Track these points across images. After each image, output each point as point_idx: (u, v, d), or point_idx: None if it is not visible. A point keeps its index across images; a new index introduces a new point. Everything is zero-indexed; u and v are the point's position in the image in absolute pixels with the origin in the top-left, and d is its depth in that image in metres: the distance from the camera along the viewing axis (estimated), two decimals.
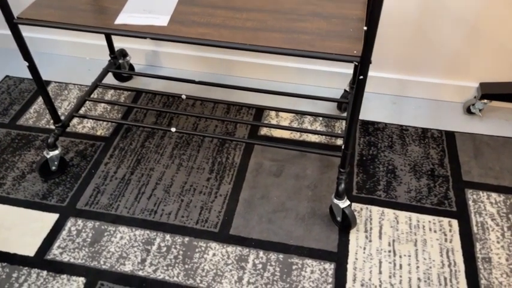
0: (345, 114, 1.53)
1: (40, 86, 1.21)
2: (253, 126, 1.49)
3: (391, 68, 1.55)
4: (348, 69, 1.58)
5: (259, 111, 1.55)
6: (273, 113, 1.54)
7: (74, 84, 1.67)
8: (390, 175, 1.34)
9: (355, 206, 1.25)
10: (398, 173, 1.34)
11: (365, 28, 0.80)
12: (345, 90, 1.49)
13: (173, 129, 1.31)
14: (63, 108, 1.57)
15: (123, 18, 1.04)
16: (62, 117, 1.50)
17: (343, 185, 1.14)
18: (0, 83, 1.67)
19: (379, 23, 1.01)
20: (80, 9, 1.07)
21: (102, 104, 1.58)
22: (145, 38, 1.00)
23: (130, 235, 1.20)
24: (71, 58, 1.79)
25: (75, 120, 1.52)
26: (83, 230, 1.21)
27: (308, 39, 0.98)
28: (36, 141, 1.45)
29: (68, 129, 1.49)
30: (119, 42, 1.67)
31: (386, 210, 1.25)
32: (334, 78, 1.61)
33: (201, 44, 0.99)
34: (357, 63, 0.92)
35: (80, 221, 1.23)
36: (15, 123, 1.52)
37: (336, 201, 1.16)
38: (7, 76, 1.71)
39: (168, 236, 1.20)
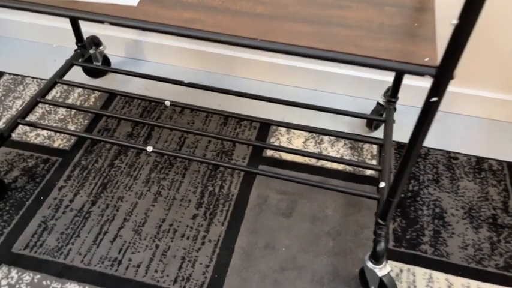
0: (376, 134, 1.19)
1: None
2: (258, 137, 1.15)
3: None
4: (381, 75, 1.24)
5: (266, 125, 1.21)
6: (283, 129, 1.20)
7: (33, 78, 1.32)
8: (438, 222, 1.00)
9: (392, 265, 0.92)
10: (448, 218, 1.01)
11: (454, 22, 0.48)
12: (378, 103, 1.15)
13: (149, 149, 0.97)
14: (15, 108, 1.22)
15: None
16: (2, 125, 1.16)
17: (383, 245, 0.81)
18: None
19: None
20: None
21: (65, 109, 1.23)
22: (102, 22, 0.65)
23: None
24: (34, 44, 1.44)
25: (26, 127, 1.17)
26: (17, 286, 0.87)
27: (351, 36, 0.64)
28: None
29: (17, 138, 1.14)
30: (89, 27, 1.32)
31: (435, 274, 0.91)
32: (363, 84, 1.27)
33: (186, 36, 0.64)
34: (432, 76, 0.58)
35: (14, 272, 0.90)
36: None
37: (370, 265, 0.82)
38: None
39: None
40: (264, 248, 0.95)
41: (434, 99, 0.59)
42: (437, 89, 0.58)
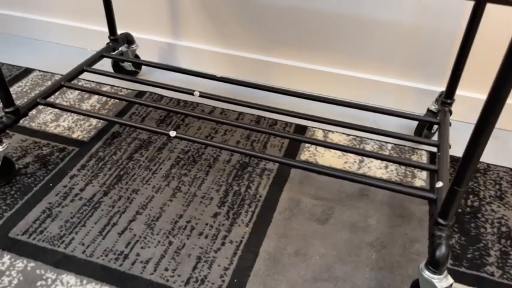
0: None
1: None
2: (290, 146, 1.04)
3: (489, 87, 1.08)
4: (425, 85, 1.12)
5: (301, 128, 1.10)
6: (319, 133, 1.09)
7: (62, 75, 1.28)
8: (505, 241, 0.83)
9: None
10: None
11: None
12: (429, 110, 1.03)
13: (172, 133, 0.87)
14: None
15: None
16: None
17: (444, 249, 0.65)
18: None
19: None
20: None
21: (91, 100, 1.17)
22: None
23: None
24: (67, 48, 1.43)
25: (48, 117, 1.11)
26: (7, 273, 0.76)
27: None
28: None
29: (36, 127, 1.08)
30: (123, 27, 1.29)
31: None
32: (406, 95, 1.15)
33: None
34: None
35: (6, 258, 0.78)
36: None
37: (428, 275, 0.66)
38: None
39: None
40: (294, 255, 0.80)
41: None
42: None
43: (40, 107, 1.15)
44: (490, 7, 0.96)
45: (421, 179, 0.96)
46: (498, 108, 0.53)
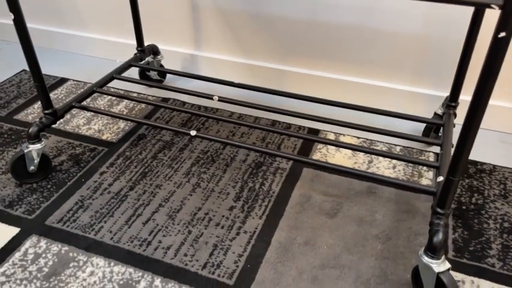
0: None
1: (27, 51, 0.91)
2: (303, 147, 1.10)
3: (500, 93, 1.13)
4: (434, 91, 1.17)
5: (313, 131, 1.17)
6: (331, 136, 1.15)
7: None
8: (507, 236, 0.87)
9: (453, 275, 0.79)
10: None
11: None
12: (436, 114, 1.08)
13: (193, 132, 0.95)
14: None
15: None
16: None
17: (441, 235, 0.70)
18: (14, 76, 1.44)
19: None
20: None
21: (119, 106, 1.27)
22: None
23: (105, 271, 0.81)
24: (99, 60, 1.54)
25: (81, 121, 1.21)
26: (43, 255, 0.84)
27: None
28: None
29: (70, 130, 1.18)
30: (149, 39, 1.40)
31: None
32: (416, 101, 1.20)
33: None
34: (499, 7, 0.53)
35: (43, 242, 0.87)
36: (12, 117, 1.24)
37: (426, 260, 0.71)
38: (23, 70, 1.47)
39: (158, 281, 0.79)
40: (303, 244, 0.86)
41: (502, 34, 0.53)
42: (506, 22, 0.53)
43: (74, 112, 1.25)
44: (488, 15, 1.02)
45: (427, 178, 1.01)
46: (482, 105, 0.59)
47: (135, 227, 0.90)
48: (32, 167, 0.99)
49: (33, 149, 0.97)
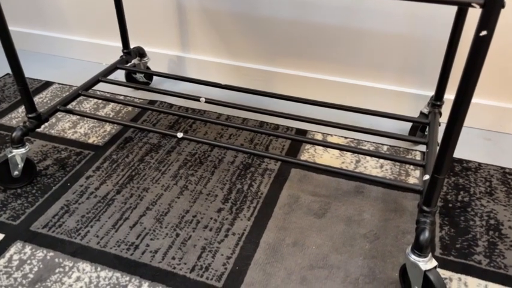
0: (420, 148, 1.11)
1: (9, 53, 0.90)
2: (291, 148, 1.10)
3: (483, 91, 1.14)
4: (420, 90, 1.19)
5: (301, 132, 1.17)
6: (318, 136, 1.15)
7: None
8: (493, 233, 0.88)
9: (440, 273, 0.80)
10: (505, 231, 0.88)
11: None
12: (422, 113, 1.09)
13: (180, 135, 0.94)
14: None
15: None
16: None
17: (427, 233, 0.70)
18: None
19: None
20: None
21: (105, 109, 1.26)
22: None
23: (92, 276, 0.80)
24: (85, 63, 1.53)
25: (66, 125, 1.20)
26: (28, 261, 0.83)
27: None
28: None
29: (55, 134, 1.16)
30: (135, 42, 1.39)
31: (492, 285, 0.78)
32: (402, 100, 1.21)
33: None
34: (479, 6, 0.54)
35: (28, 248, 0.86)
36: None
37: (413, 258, 0.71)
38: (7, 74, 1.45)
39: (145, 285, 0.78)
40: (292, 245, 0.86)
41: (483, 33, 0.54)
42: (487, 21, 0.53)
43: (59, 115, 1.24)
44: (471, 14, 1.03)
45: (414, 177, 1.02)
46: (465, 103, 0.60)
47: (122, 231, 0.89)
48: (16, 172, 0.97)
49: (17, 153, 0.95)
